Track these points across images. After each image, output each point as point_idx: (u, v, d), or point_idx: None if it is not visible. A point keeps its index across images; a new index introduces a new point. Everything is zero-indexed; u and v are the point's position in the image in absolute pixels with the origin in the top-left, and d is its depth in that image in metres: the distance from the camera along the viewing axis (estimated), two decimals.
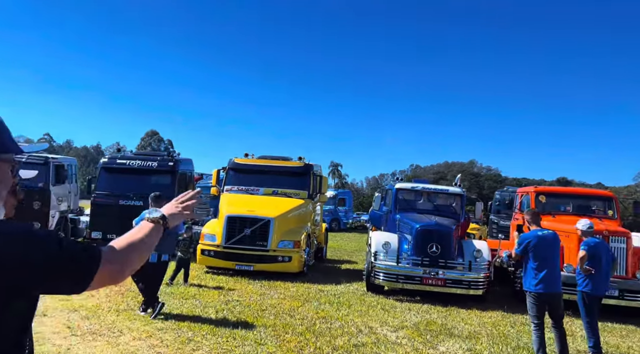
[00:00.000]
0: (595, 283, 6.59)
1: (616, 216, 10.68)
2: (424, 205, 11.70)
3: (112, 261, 1.46)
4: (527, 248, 5.91)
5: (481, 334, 7.30)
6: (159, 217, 1.69)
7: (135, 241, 1.57)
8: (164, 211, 1.75)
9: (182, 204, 1.83)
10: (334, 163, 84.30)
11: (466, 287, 9.66)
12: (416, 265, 9.79)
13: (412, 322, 7.80)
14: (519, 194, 12.35)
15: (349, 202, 34.81)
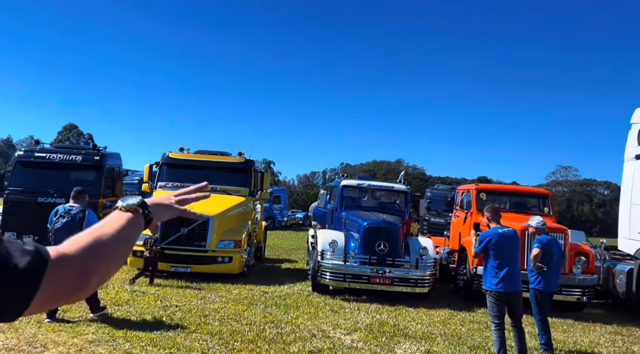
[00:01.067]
0: (548, 280, 6.66)
1: (551, 213, 11.07)
2: (369, 202, 11.53)
3: (66, 266, 0.94)
4: (487, 246, 5.79)
5: (435, 334, 7.16)
6: (136, 205, 1.18)
7: (104, 237, 1.04)
8: (151, 200, 1.25)
9: (178, 196, 1.33)
10: (267, 160, 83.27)
11: (413, 285, 9.58)
12: (364, 264, 9.56)
13: (364, 323, 7.53)
14: (459, 191, 12.52)
15: (284, 200, 34.35)
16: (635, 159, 10.23)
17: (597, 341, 7.43)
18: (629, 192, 10.38)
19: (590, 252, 9.89)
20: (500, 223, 6.00)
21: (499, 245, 5.75)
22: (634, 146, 10.41)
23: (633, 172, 10.28)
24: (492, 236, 5.81)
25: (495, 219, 6.01)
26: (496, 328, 5.70)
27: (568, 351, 6.67)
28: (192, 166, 12.46)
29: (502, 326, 5.71)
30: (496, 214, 6.07)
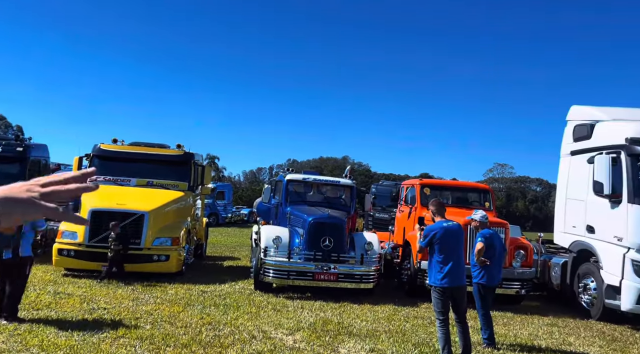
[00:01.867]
0: (491, 274, 6.63)
1: (492, 208, 11.26)
2: (315, 197, 11.25)
3: None
4: (432, 240, 5.64)
5: (379, 332, 6.99)
6: None
7: None
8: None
9: (47, 186, 0.96)
10: (211, 156, 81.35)
11: (358, 281, 9.41)
12: (308, 260, 9.28)
13: (307, 322, 7.24)
14: (404, 186, 12.51)
15: (229, 196, 33.54)
16: (571, 155, 10.57)
17: (536, 334, 7.53)
18: (564, 187, 10.72)
19: (528, 246, 10.11)
20: (445, 217, 5.88)
21: (444, 239, 5.62)
22: (569, 142, 10.76)
23: (568, 168, 10.61)
24: (437, 229, 5.67)
25: (440, 212, 5.88)
26: (441, 324, 5.57)
27: (509, 345, 6.69)
28: (126, 158, 11.70)
29: (447, 322, 5.59)
30: (441, 208, 5.94)
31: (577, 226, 9.94)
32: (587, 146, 9.92)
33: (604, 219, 9.07)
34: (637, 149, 8.58)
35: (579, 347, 6.90)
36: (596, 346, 7.01)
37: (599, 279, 8.95)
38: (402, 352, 6.06)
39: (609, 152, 8.97)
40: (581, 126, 10.32)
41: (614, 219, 8.78)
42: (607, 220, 8.97)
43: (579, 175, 10.01)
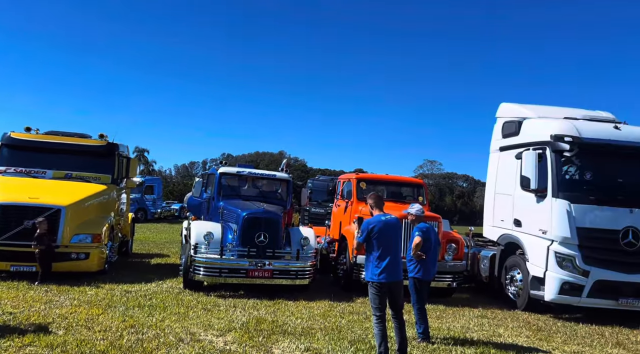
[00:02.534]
0: (426, 268, 6.61)
1: (425, 202, 11.41)
2: (249, 191, 10.85)
3: None
4: (370, 235, 5.48)
5: (315, 329, 6.78)
6: None
7: None
8: None
9: None
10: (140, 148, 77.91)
11: (293, 277, 9.16)
12: (242, 256, 8.91)
13: (240, 322, 6.89)
14: (340, 181, 12.41)
15: (158, 191, 32.13)
16: (500, 150, 10.91)
17: (467, 326, 7.65)
18: (493, 182, 11.05)
19: (460, 239, 10.32)
20: (383, 211, 5.74)
21: (382, 233, 5.48)
22: (498, 139, 11.10)
23: (497, 163, 10.95)
24: (375, 223, 5.52)
25: (379, 206, 5.73)
26: (377, 321, 5.43)
27: (443, 339, 6.71)
28: (40, 148, 10.72)
29: (384, 318, 5.47)
30: (380, 202, 5.79)
31: (505, 219, 10.27)
32: (515, 142, 10.26)
33: (530, 213, 9.41)
34: (561, 146, 8.95)
35: (508, 338, 7.06)
36: (523, 337, 7.21)
37: (525, 271, 9.28)
38: (338, 350, 5.88)
39: (535, 148, 9.31)
40: (510, 123, 10.67)
41: (539, 213, 9.13)
42: (533, 214, 9.32)
43: (507, 170, 10.34)
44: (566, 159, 9.02)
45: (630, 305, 8.55)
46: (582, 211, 8.68)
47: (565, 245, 8.69)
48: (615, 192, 8.96)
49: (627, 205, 8.71)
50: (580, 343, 7.07)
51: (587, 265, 8.54)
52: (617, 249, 8.60)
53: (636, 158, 9.19)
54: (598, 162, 9.15)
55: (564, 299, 8.64)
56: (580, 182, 9.14)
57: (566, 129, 9.12)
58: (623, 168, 9.27)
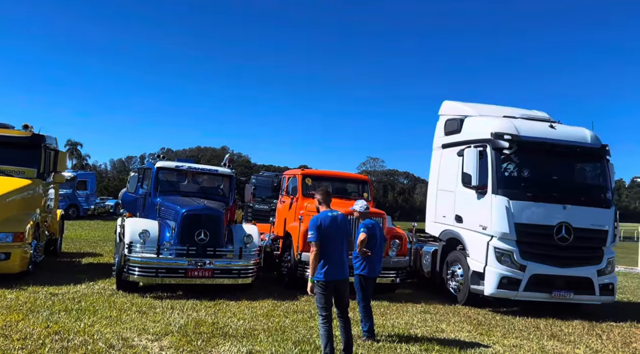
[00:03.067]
0: (372, 265, 6.53)
1: (370, 198, 11.40)
2: (190, 187, 10.38)
3: None
4: (320, 232, 5.28)
5: (257, 330, 6.52)
6: None
7: None
8: None
9: None
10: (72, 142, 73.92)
11: (235, 276, 8.84)
12: (181, 255, 8.48)
13: (177, 325, 6.51)
14: (285, 177, 12.17)
15: (92, 186, 30.47)
16: (442, 148, 11.07)
17: (411, 322, 7.66)
18: (435, 179, 11.21)
19: (403, 235, 10.38)
20: (331, 207, 5.57)
21: (330, 230, 5.31)
22: (440, 136, 11.26)
23: (440, 160, 11.11)
24: (323, 220, 5.34)
25: (326, 202, 5.55)
26: (323, 321, 5.26)
27: (388, 336, 6.66)
28: None
29: (330, 318, 5.31)
30: (327, 197, 5.59)
31: (446, 215, 10.44)
32: (457, 140, 10.43)
33: (471, 209, 9.59)
34: (501, 143, 9.18)
35: (451, 334, 7.12)
36: (465, 332, 7.30)
37: (466, 265, 9.46)
38: (281, 352, 5.66)
39: (477, 145, 9.49)
40: (452, 121, 10.84)
41: (480, 209, 9.32)
42: (474, 210, 9.50)
43: (449, 167, 10.50)
44: (505, 156, 9.26)
45: (562, 297, 8.92)
46: (520, 208, 8.94)
47: (504, 240, 8.92)
48: (550, 189, 9.30)
49: (560, 201, 9.06)
50: (518, 336, 7.26)
51: (524, 260, 8.82)
52: (551, 244, 8.94)
53: (569, 156, 9.59)
54: (535, 160, 9.47)
55: (503, 294, 8.87)
56: (518, 180, 9.42)
57: (506, 128, 9.36)
58: (557, 166, 9.66)
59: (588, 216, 9.16)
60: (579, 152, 9.52)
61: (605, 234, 9.26)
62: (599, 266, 9.08)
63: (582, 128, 9.96)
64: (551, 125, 9.70)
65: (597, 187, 9.72)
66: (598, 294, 9.03)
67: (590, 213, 9.21)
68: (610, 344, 7.13)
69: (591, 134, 9.76)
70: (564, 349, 6.67)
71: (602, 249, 9.23)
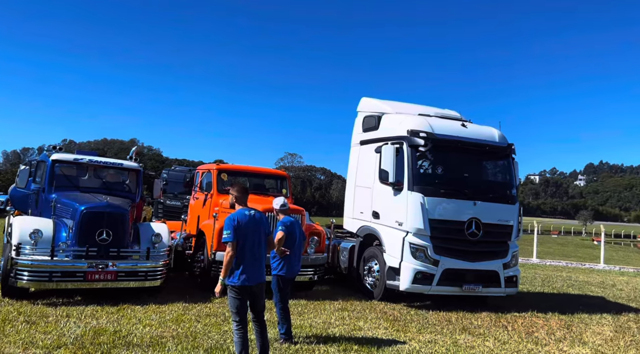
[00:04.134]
0: (290, 264, 6.27)
1: (289, 194, 11.15)
2: (91, 182, 9.47)
3: None
4: (237, 232, 4.92)
5: (165, 338, 6.02)
6: None
7: None
8: None
9: None
10: None
11: (142, 278, 8.16)
12: (79, 257, 7.67)
13: (72, 335, 5.84)
14: (199, 172, 11.55)
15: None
16: (360, 144, 11.09)
17: (329, 321, 7.53)
18: (354, 175, 11.21)
19: (322, 231, 10.25)
20: (247, 204, 5.23)
21: (247, 230, 4.97)
22: (359, 132, 11.28)
23: (358, 157, 11.12)
24: (239, 219, 4.98)
25: (243, 199, 5.18)
26: (238, 327, 4.92)
27: (306, 337, 6.46)
28: None
29: (245, 323, 4.98)
30: (244, 194, 5.23)
31: (364, 212, 10.46)
32: (374, 136, 10.49)
33: (388, 205, 9.67)
34: (416, 141, 9.33)
35: (368, 331, 7.08)
36: (382, 329, 7.30)
37: (382, 261, 9.53)
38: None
39: (394, 142, 9.58)
40: (370, 117, 10.89)
41: (396, 206, 9.42)
42: (390, 206, 9.59)
43: (367, 164, 10.53)
44: (421, 153, 9.42)
45: (472, 291, 9.26)
46: (434, 204, 9.15)
47: (418, 236, 9.09)
48: (461, 186, 9.61)
49: (471, 198, 9.40)
50: (432, 331, 7.38)
51: (437, 255, 9.04)
52: (462, 239, 9.25)
53: (479, 154, 9.98)
54: (448, 157, 9.73)
55: (417, 289, 9.04)
56: (432, 176, 9.63)
57: (421, 125, 9.53)
58: (468, 163, 10.01)
59: (495, 211, 9.60)
60: (488, 150, 9.94)
61: (510, 229, 9.76)
62: (505, 260, 9.55)
63: (491, 127, 10.42)
64: (463, 124, 10.03)
65: (503, 184, 10.21)
66: (503, 287, 9.50)
67: (498, 209, 9.65)
68: (516, 334, 7.48)
69: (499, 133, 10.24)
70: (474, 343, 6.86)
71: (507, 243, 9.72)
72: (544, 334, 7.60)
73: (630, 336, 7.92)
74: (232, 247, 4.84)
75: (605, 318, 9.24)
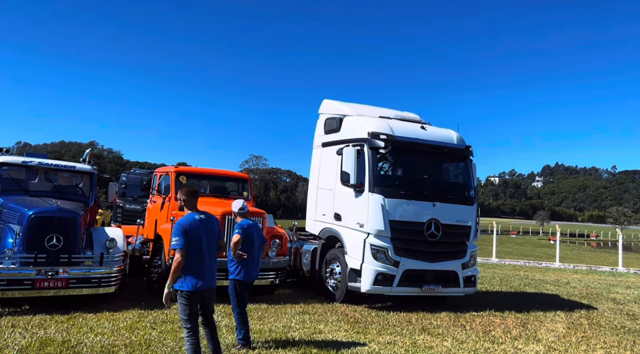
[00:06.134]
0: (248, 269, 6.16)
1: (250, 197, 11.01)
2: (41, 186, 9.07)
3: None
4: (187, 237, 4.78)
5: (117, 347, 5.80)
6: None
7: None
8: None
9: None
10: None
11: (95, 285, 7.87)
12: (27, 264, 7.32)
13: (17, 347, 5.55)
14: (157, 174, 11.26)
15: None
16: (322, 146, 11.07)
17: (289, 325, 7.44)
18: (316, 177, 11.17)
19: (284, 234, 10.17)
20: (197, 208, 5.08)
21: (197, 235, 4.84)
22: (321, 135, 11.25)
23: (320, 159, 11.09)
24: (189, 223, 4.84)
25: (192, 203, 5.03)
26: (189, 334, 4.79)
27: (265, 342, 6.35)
28: None
29: (196, 330, 4.85)
30: (192, 198, 5.07)
31: (326, 213, 10.44)
32: (336, 139, 10.49)
33: (349, 207, 9.68)
34: (377, 143, 9.38)
35: (328, 334, 7.03)
36: (342, 331, 7.27)
37: (344, 263, 9.52)
38: None
39: (355, 144, 9.60)
40: (331, 119, 10.88)
41: (357, 207, 9.44)
42: (352, 208, 9.60)
43: (329, 166, 10.52)
44: (381, 155, 9.48)
45: (432, 291, 9.37)
46: (394, 205, 9.22)
47: (379, 237, 9.12)
48: (421, 187, 9.72)
49: (430, 199, 9.52)
50: (392, 332, 7.41)
51: (398, 256, 9.10)
52: (422, 240, 9.35)
53: (438, 156, 10.12)
54: (408, 159, 9.83)
55: (378, 290, 9.07)
56: (392, 178, 9.70)
57: (382, 127, 9.59)
58: (427, 165, 10.13)
59: (454, 212, 9.75)
60: (446, 152, 10.09)
61: (469, 230, 9.93)
62: (463, 260, 9.70)
63: (449, 130, 10.59)
64: (422, 126, 10.15)
65: (462, 185, 10.39)
66: (462, 287, 9.65)
67: (456, 210, 9.81)
68: (473, 334, 7.60)
69: (457, 135, 10.43)
70: (433, 343, 6.92)
71: (466, 244, 9.88)
72: (500, 333, 7.75)
73: (582, 332, 8.18)
74: (182, 255, 4.69)
75: (558, 315, 9.52)
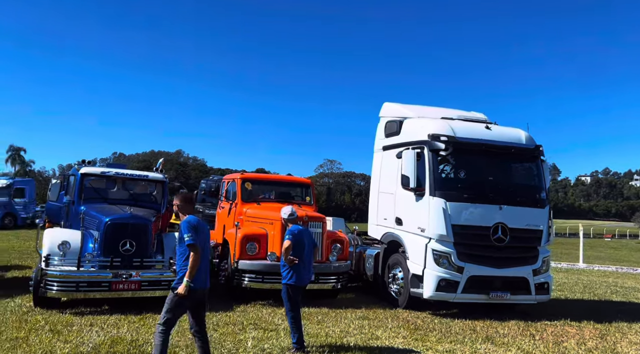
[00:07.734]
0: (300, 273, 6.25)
1: (312, 202, 11.16)
2: (119, 194, 9.80)
3: None
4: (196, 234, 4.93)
5: (179, 347, 6.13)
6: None
7: None
8: None
9: None
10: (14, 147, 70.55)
11: (165, 288, 8.33)
12: (104, 268, 7.95)
13: (91, 344, 6.03)
14: (225, 181, 11.76)
15: (30, 193, 28.86)
16: (383, 150, 10.96)
17: (347, 330, 7.43)
18: (377, 181, 11.09)
19: (345, 238, 10.19)
20: (193, 213, 5.14)
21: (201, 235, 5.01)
22: (381, 138, 11.15)
23: (381, 162, 11.00)
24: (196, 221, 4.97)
25: (187, 209, 5.11)
26: (162, 330, 4.92)
27: (320, 346, 6.40)
28: None
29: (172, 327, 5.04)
30: (188, 204, 5.12)
31: (387, 218, 10.31)
32: (396, 142, 10.34)
33: (410, 211, 9.50)
34: (437, 145, 9.13)
35: (385, 340, 6.94)
36: (400, 337, 7.14)
37: (406, 268, 9.35)
38: None
39: (414, 147, 9.41)
40: (391, 122, 10.75)
41: (418, 211, 9.23)
42: (413, 212, 9.41)
43: (389, 169, 10.39)
44: (442, 158, 9.22)
45: (500, 298, 8.94)
46: (457, 209, 8.90)
47: (441, 242, 8.86)
48: (486, 190, 9.32)
49: (496, 202, 9.09)
50: (453, 340, 7.16)
51: (462, 261, 8.78)
52: (488, 245, 8.94)
53: (504, 157, 9.65)
54: (471, 161, 9.48)
55: (441, 296, 8.80)
56: (455, 181, 9.40)
57: (442, 129, 9.32)
58: (493, 167, 9.70)
59: (523, 216, 9.24)
60: (513, 152, 9.60)
61: (540, 234, 9.36)
62: (534, 266, 9.16)
63: (518, 129, 10.07)
64: (487, 126, 9.74)
65: (531, 187, 9.82)
66: (534, 294, 9.11)
67: (526, 213, 9.28)
68: (542, 344, 7.14)
69: (526, 135, 9.88)
70: (496, 353, 6.60)
71: (537, 249, 9.32)
72: (573, 344, 7.22)
73: None
74: (196, 251, 4.80)
75: None
